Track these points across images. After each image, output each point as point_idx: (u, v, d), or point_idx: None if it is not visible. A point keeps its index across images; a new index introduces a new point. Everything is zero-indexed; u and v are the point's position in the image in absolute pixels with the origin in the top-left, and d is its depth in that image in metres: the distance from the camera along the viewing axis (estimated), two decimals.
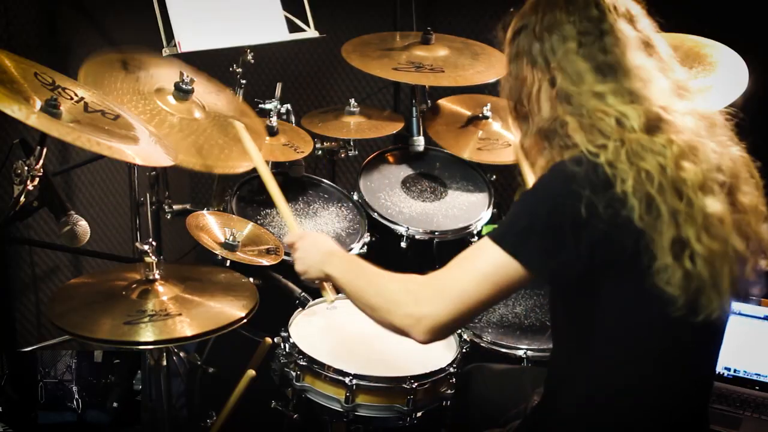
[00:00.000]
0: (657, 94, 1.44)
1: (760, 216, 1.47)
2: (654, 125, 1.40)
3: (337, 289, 1.72)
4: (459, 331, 2.22)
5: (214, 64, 3.45)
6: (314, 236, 1.80)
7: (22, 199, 1.80)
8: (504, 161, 2.77)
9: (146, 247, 1.90)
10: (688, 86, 1.52)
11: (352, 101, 2.93)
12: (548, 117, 1.48)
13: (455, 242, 2.66)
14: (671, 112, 1.43)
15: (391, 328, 1.49)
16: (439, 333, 1.44)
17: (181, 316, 1.81)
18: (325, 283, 1.91)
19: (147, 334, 1.74)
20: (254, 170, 2.64)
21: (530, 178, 1.96)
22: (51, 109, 1.69)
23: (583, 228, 1.35)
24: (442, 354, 2.10)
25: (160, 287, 1.90)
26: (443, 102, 3.04)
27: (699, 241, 1.37)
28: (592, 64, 1.44)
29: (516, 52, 1.53)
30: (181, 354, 2.61)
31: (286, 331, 2.12)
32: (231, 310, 1.89)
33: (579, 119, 1.43)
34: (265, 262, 2.21)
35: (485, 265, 1.41)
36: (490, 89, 2.92)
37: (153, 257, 1.91)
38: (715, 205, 1.38)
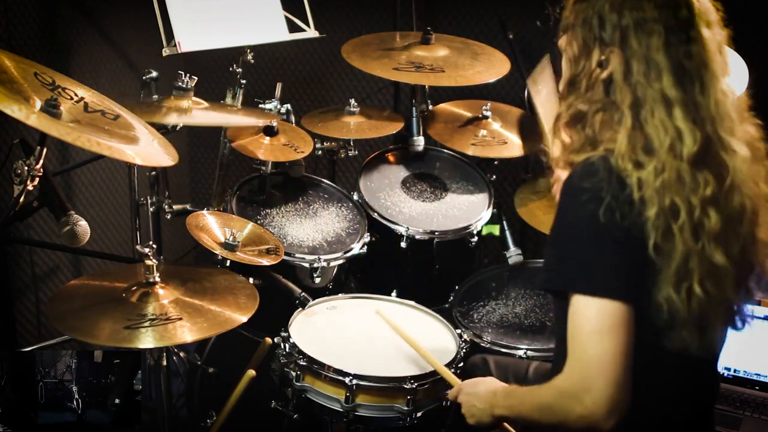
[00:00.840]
0: (724, 118, 1.39)
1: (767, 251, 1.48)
2: (703, 158, 1.37)
3: (513, 423, 1.68)
4: (459, 331, 2.22)
5: (214, 64, 3.46)
6: (471, 386, 1.74)
7: (22, 199, 1.80)
8: (499, 155, 2.79)
9: (147, 250, 1.90)
10: (744, 105, 1.49)
11: (352, 101, 2.93)
12: (597, 99, 1.43)
13: (455, 242, 2.66)
14: (727, 143, 1.39)
15: None
16: (616, 410, 1.35)
17: (182, 320, 1.81)
18: (504, 424, 1.72)
19: (147, 339, 1.74)
20: (253, 170, 2.67)
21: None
22: (51, 109, 1.69)
23: (606, 233, 1.34)
24: (442, 354, 2.10)
25: (160, 290, 1.90)
26: (443, 105, 3.05)
27: (701, 285, 1.37)
28: (673, 65, 1.38)
29: (584, 18, 1.43)
30: (181, 354, 2.61)
31: (286, 331, 2.12)
32: (232, 314, 1.89)
33: (635, 119, 1.38)
34: (265, 262, 2.21)
35: (591, 322, 1.36)
36: (489, 91, 2.93)
37: (153, 260, 1.90)
38: (722, 258, 1.38)
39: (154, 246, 1.93)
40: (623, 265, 1.36)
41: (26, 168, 1.77)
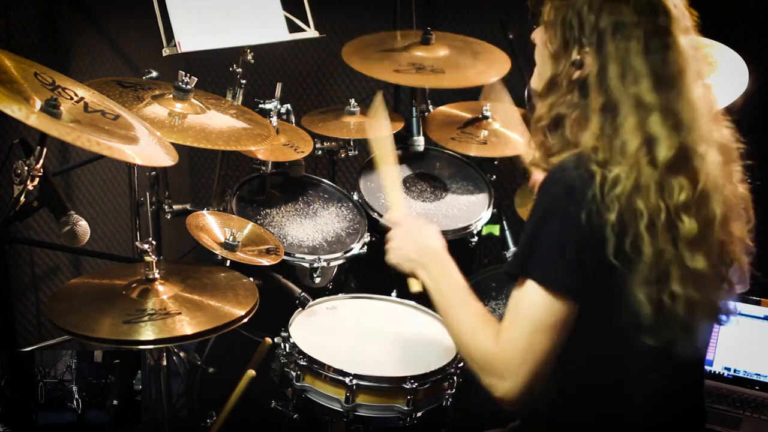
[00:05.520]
0: (699, 124, 1.39)
1: (743, 246, 1.50)
2: (679, 164, 1.37)
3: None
4: None
5: (214, 64, 3.46)
6: (413, 228, 1.69)
7: (22, 199, 1.80)
8: (473, 153, 2.81)
9: (146, 246, 1.90)
10: (719, 109, 1.49)
11: (352, 101, 2.93)
12: (573, 102, 1.42)
13: (455, 242, 2.66)
14: (700, 151, 1.39)
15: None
16: (525, 399, 1.40)
17: (181, 315, 1.81)
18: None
19: (146, 332, 1.74)
20: (253, 170, 2.67)
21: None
22: (51, 109, 1.69)
23: (575, 231, 1.36)
24: (442, 354, 2.10)
25: (159, 286, 1.90)
26: (442, 108, 3.06)
27: (683, 288, 1.37)
28: (652, 70, 1.37)
29: (563, 16, 1.42)
30: (181, 354, 2.61)
31: (286, 331, 2.12)
32: (231, 308, 1.90)
33: (608, 122, 1.37)
34: (265, 262, 2.21)
35: (536, 313, 1.38)
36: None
37: (153, 256, 1.91)
38: (701, 262, 1.38)
39: (154, 242, 1.93)
40: (583, 265, 1.37)
41: (26, 168, 1.77)
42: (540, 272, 1.39)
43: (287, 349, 2.07)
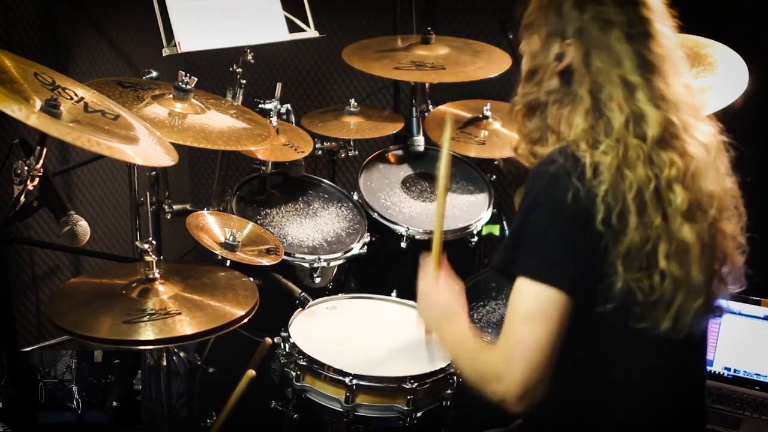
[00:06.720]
0: (686, 105, 1.43)
1: (736, 244, 1.51)
2: (667, 140, 1.40)
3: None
4: None
5: (214, 64, 3.46)
6: (438, 295, 1.65)
7: (22, 199, 1.80)
8: (472, 154, 2.80)
9: (146, 246, 1.90)
10: (701, 103, 1.52)
11: (352, 101, 2.93)
12: (553, 89, 1.46)
13: (455, 242, 2.66)
14: (689, 131, 1.42)
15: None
16: (527, 395, 1.36)
17: (181, 315, 1.81)
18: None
19: (146, 333, 1.74)
20: (253, 170, 2.67)
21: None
22: (51, 109, 1.69)
23: (564, 219, 1.37)
24: (443, 354, 2.10)
25: (160, 286, 1.90)
26: (442, 107, 3.05)
27: (667, 260, 1.38)
28: (635, 54, 1.41)
29: (545, 15, 1.48)
30: (181, 354, 2.61)
31: (286, 331, 2.12)
32: (231, 308, 1.90)
33: (594, 101, 1.41)
34: (265, 262, 2.21)
35: (525, 305, 1.38)
36: (489, 91, 2.92)
37: (153, 256, 1.91)
38: (689, 234, 1.39)
39: (154, 242, 1.93)
40: (574, 254, 1.37)
41: (26, 168, 1.77)
42: (527, 265, 1.39)
43: (287, 349, 2.07)
